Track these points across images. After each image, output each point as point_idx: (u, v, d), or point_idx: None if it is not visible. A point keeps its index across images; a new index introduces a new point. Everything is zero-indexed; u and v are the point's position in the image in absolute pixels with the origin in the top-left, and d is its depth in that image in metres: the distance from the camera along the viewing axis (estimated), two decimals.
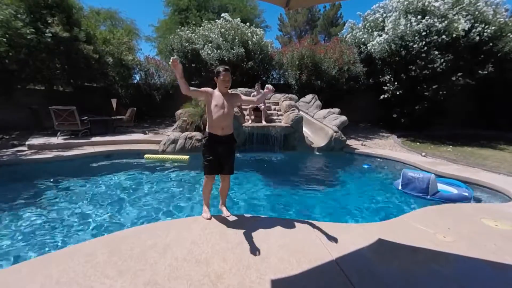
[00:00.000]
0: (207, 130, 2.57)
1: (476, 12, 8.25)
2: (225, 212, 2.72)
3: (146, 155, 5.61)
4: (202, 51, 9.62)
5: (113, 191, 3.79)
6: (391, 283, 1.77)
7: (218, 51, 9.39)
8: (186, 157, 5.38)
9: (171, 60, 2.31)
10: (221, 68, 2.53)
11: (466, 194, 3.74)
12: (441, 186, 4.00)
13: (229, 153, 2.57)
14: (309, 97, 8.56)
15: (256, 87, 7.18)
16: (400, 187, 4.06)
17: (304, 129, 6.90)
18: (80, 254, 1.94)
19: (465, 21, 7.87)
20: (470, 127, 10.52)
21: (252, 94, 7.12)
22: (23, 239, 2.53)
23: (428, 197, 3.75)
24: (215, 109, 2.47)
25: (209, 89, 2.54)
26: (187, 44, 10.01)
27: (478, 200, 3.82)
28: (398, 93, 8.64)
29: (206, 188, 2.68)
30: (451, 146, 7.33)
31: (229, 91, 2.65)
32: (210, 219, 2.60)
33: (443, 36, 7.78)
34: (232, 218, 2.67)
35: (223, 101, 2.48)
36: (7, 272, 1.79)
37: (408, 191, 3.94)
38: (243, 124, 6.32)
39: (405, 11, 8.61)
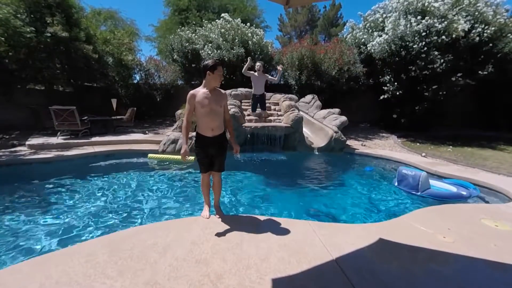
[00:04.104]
0: (197, 130, 2.51)
1: (476, 13, 8.25)
2: (218, 213, 2.69)
3: (149, 155, 5.59)
4: (202, 51, 9.62)
5: (113, 191, 3.79)
6: (391, 283, 1.77)
7: (218, 51, 9.39)
8: (192, 157, 5.32)
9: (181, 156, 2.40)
10: (215, 62, 2.33)
11: (464, 193, 3.76)
12: (440, 185, 4.05)
13: (220, 152, 2.53)
14: (309, 97, 8.56)
15: (257, 67, 6.66)
16: (396, 184, 4.21)
17: (304, 129, 6.90)
18: (80, 254, 1.94)
19: (465, 22, 7.87)
20: (470, 128, 10.52)
21: (256, 72, 6.66)
22: (23, 238, 2.53)
23: (419, 193, 3.82)
24: (202, 111, 2.36)
25: (191, 94, 2.38)
26: (187, 44, 10.01)
27: (478, 201, 3.82)
28: (398, 93, 8.64)
29: (203, 185, 2.69)
30: (451, 147, 7.33)
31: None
32: (209, 218, 2.60)
33: (443, 37, 7.78)
34: (232, 218, 2.68)
35: (209, 101, 2.35)
36: (7, 272, 1.79)
37: (402, 187, 4.07)
38: (243, 124, 6.32)
39: (405, 11, 8.60)
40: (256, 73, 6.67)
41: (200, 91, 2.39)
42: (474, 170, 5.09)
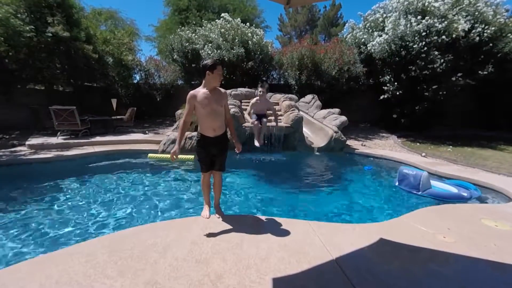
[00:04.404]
0: (198, 130, 2.52)
1: (476, 13, 8.26)
2: (218, 213, 2.69)
3: (149, 155, 5.59)
4: (202, 51, 9.62)
5: (113, 191, 3.78)
6: (391, 283, 1.77)
7: (218, 51, 9.39)
8: (191, 156, 5.33)
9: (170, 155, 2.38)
10: (215, 62, 2.32)
11: (465, 194, 3.76)
12: (442, 185, 4.06)
13: (221, 152, 2.55)
14: (309, 97, 8.55)
15: (259, 92, 5.28)
16: (396, 183, 4.23)
17: (304, 129, 6.90)
18: (80, 254, 1.94)
19: (465, 22, 7.88)
20: (470, 128, 10.52)
21: (255, 98, 5.37)
22: (23, 239, 2.52)
23: (419, 193, 3.84)
24: (203, 111, 2.36)
25: (191, 94, 2.37)
26: (187, 44, 10.01)
27: (478, 201, 3.82)
28: (398, 93, 8.63)
29: (204, 185, 2.68)
30: (451, 147, 7.32)
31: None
32: (209, 217, 2.60)
33: (443, 37, 7.78)
34: (232, 218, 2.67)
35: (210, 101, 2.35)
36: (7, 271, 1.79)
37: (402, 187, 4.10)
38: (243, 124, 6.32)
39: (405, 11, 8.61)
40: (258, 100, 5.31)
41: (200, 91, 2.38)
42: (474, 170, 5.09)
